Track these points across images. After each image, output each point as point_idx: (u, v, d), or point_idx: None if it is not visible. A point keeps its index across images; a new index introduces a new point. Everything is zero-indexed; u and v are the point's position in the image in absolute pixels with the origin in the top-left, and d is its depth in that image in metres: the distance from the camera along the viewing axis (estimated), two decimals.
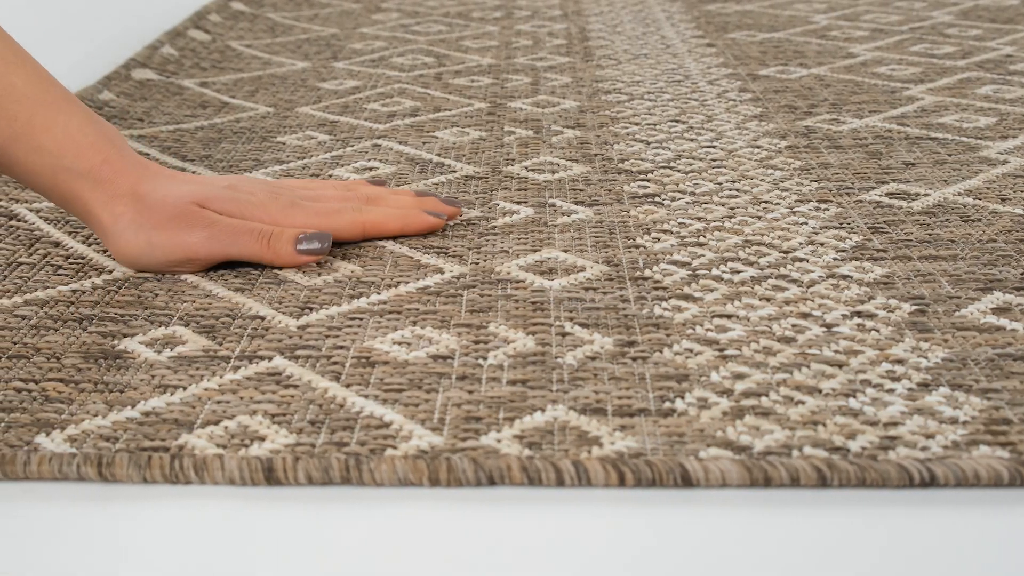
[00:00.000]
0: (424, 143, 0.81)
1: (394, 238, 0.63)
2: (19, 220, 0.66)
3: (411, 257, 0.61)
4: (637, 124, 0.84)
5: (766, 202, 0.68)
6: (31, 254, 0.62)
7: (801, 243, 0.62)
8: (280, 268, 0.59)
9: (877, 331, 0.52)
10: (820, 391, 0.47)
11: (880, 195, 0.69)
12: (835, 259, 0.60)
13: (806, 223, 0.64)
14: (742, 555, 0.38)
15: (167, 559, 0.38)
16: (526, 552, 0.38)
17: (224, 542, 0.39)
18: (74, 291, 0.57)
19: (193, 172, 0.75)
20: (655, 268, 0.59)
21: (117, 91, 0.93)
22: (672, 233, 0.63)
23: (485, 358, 0.50)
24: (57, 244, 0.63)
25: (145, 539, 0.39)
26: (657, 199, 0.69)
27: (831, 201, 0.68)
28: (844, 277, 0.57)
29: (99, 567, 0.38)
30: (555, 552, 0.38)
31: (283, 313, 0.54)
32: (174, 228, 0.57)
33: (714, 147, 0.79)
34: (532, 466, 0.41)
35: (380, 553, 0.38)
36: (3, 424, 0.45)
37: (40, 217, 0.67)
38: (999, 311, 0.53)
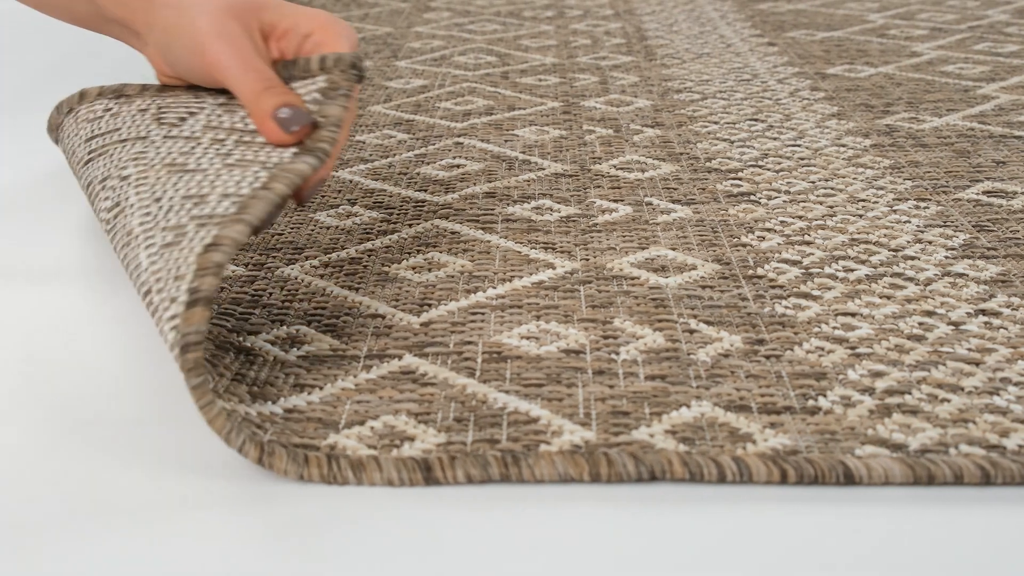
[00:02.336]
0: (506, 141, 0.81)
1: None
2: None
3: (519, 252, 0.61)
4: (716, 123, 0.84)
5: (863, 200, 0.68)
6: None
7: (908, 241, 0.61)
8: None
9: (1005, 329, 0.51)
10: (963, 389, 0.46)
11: (977, 193, 0.68)
12: (947, 257, 0.59)
13: (909, 221, 0.64)
14: (912, 552, 0.38)
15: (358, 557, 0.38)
16: (693, 548, 0.38)
17: (390, 542, 0.39)
18: None
19: None
20: (767, 266, 0.58)
21: None
22: (776, 232, 0.63)
23: (617, 353, 0.49)
24: None
25: (314, 537, 0.39)
26: (753, 198, 0.68)
27: (929, 199, 0.68)
28: (960, 275, 0.57)
29: (271, 565, 0.38)
30: (726, 548, 0.38)
31: (402, 310, 0.54)
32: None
33: (799, 146, 0.78)
34: (693, 461, 0.41)
35: (545, 549, 0.38)
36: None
37: None
38: None
